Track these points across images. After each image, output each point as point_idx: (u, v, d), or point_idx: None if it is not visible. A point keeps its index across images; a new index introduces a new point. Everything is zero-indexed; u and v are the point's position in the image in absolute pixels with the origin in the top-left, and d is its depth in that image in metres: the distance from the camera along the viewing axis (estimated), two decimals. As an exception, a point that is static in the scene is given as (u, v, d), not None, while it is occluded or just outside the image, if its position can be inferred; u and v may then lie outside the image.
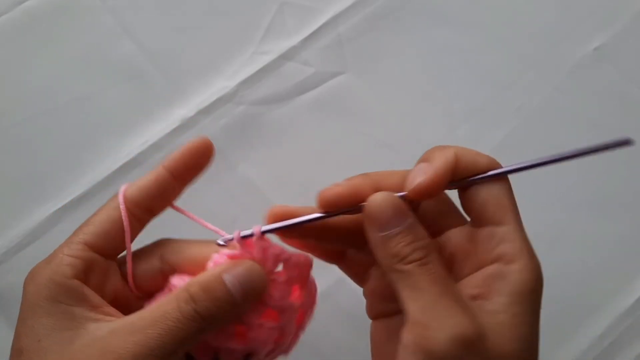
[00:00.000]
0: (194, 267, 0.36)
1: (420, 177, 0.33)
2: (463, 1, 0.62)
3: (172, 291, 0.35)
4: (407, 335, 0.31)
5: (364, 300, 0.39)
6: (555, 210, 0.58)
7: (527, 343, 0.31)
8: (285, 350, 0.39)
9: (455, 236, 0.36)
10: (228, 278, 0.33)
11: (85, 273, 0.34)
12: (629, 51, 0.61)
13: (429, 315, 0.30)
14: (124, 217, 0.35)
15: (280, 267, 0.36)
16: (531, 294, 0.32)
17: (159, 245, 0.38)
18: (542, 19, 0.62)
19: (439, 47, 0.61)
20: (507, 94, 0.60)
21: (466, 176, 0.34)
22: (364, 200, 0.34)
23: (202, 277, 0.33)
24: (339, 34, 0.61)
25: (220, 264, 0.34)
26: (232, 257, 0.35)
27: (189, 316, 0.31)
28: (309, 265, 0.37)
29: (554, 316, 0.55)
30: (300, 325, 0.39)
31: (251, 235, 0.35)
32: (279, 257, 0.35)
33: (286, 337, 0.37)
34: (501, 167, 0.34)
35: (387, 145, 0.58)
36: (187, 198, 0.39)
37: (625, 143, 0.35)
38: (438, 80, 0.61)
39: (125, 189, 0.36)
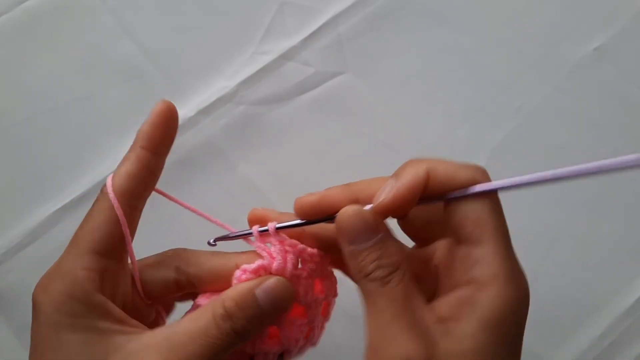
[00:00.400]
0: (215, 280, 0.36)
1: (384, 194, 0.32)
2: (463, 1, 0.62)
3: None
4: (366, 352, 0.31)
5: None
6: (555, 210, 0.58)
7: None
8: (314, 343, 0.39)
9: (441, 248, 0.35)
10: (259, 294, 0.33)
11: (102, 284, 0.33)
12: (629, 51, 0.61)
13: (380, 338, 0.30)
14: (120, 218, 0.34)
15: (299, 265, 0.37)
16: (503, 323, 0.30)
17: (176, 256, 0.37)
18: (542, 19, 0.62)
19: (439, 47, 0.61)
20: (507, 94, 0.60)
21: (443, 191, 0.32)
22: (339, 211, 0.33)
23: (234, 292, 0.33)
24: (339, 34, 0.61)
25: (248, 279, 0.34)
26: (256, 272, 0.35)
27: (226, 333, 0.32)
28: (326, 257, 0.37)
29: (554, 316, 0.55)
30: (326, 317, 0.40)
31: (263, 231, 0.36)
32: (299, 254, 0.36)
33: (315, 330, 0.38)
34: (487, 181, 0.32)
35: (387, 145, 0.58)
36: (187, 198, 0.39)
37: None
38: (438, 80, 0.61)
39: (113, 183, 0.34)
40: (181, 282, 0.36)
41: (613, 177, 0.61)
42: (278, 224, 0.36)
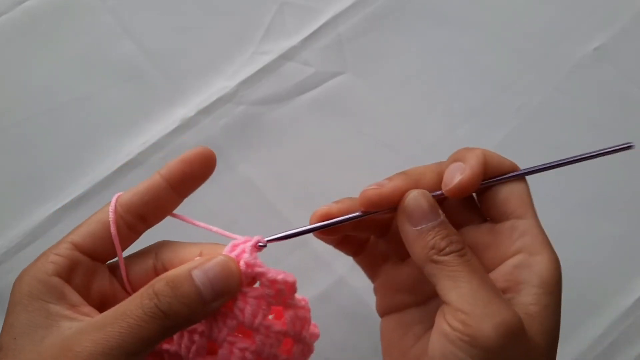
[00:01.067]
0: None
1: (458, 176, 0.34)
2: (463, 1, 0.62)
3: None
4: (450, 323, 0.31)
5: (364, 300, 0.39)
6: (555, 210, 0.58)
7: (553, 338, 0.33)
8: None
9: (472, 232, 0.36)
10: (197, 274, 0.32)
11: (69, 272, 0.34)
12: (629, 51, 0.61)
13: (472, 304, 0.31)
14: (111, 218, 0.34)
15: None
16: (557, 285, 0.33)
17: (156, 245, 0.38)
18: (542, 19, 0.62)
19: (439, 47, 0.61)
20: (507, 94, 0.60)
21: (493, 176, 0.35)
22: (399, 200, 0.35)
23: (170, 273, 0.32)
24: (339, 34, 0.61)
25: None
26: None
27: (151, 313, 0.30)
28: (290, 287, 0.35)
29: (554, 316, 0.55)
30: (289, 357, 0.36)
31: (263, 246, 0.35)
32: (255, 276, 0.34)
33: None
34: (520, 170, 0.36)
35: (387, 145, 0.58)
36: (187, 198, 0.39)
37: (627, 147, 0.39)
38: (438, 80, 0.61)
39: (119, 195, 0.35)
40: (158, 268, 0.36)
41: (613, 178, 0.61)
42: (335, 219, 0.35)
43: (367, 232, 0.40)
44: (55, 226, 0.55)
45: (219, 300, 0.32)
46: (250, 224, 0.55)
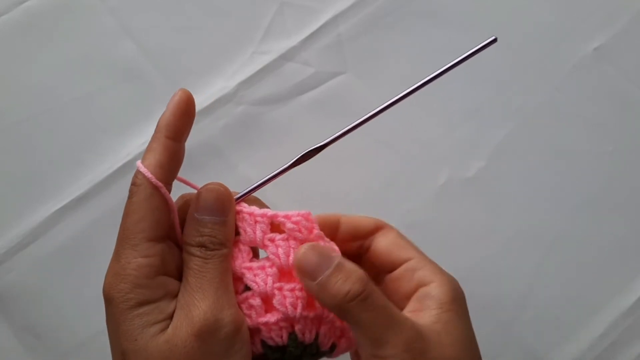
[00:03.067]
0: None
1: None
2: (463, 1, 0.62)
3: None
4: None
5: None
6: (555, 211, 0.58)
7: (466, 347, 0.35)
8: (343, 333, 0.38)
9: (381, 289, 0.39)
10: (199, 213, 0.36)
11: (164, 265, 0.35)
12: (629, 51, 0.61)
13: (382, 343, 0.33)
14: (169, 204, 0.36)
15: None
16: (455, 302, 0.36)
17: (183, 203, 0.40)
18: (542, 19, 0.62)
19: (439, 47, 0.61)
20: (507, 94, 0.60)
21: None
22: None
23: (186, 229, 0.37)
24: (339, 34, 0.61)
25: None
26: (236, 245, 0.38)
27: (210, 255, 0.35)
28: (307, 217, 0.38)
29: (554, 316, 0.56)
30: None
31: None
32: (270, 219, 0.38)
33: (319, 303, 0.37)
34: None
35: (387, 145, 0.58)
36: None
37: (493, 42, 0.39)
38: (438, 80, 0.61)
39: (147, 170, 0.36)
40: None
41: (613, 178, 0.61)
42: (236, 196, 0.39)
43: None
44: (55, 226, 0.55)
45: (226, 211, 0.37)
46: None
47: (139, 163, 0.36)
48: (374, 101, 0.61)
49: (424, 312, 0.36)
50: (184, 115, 0.38)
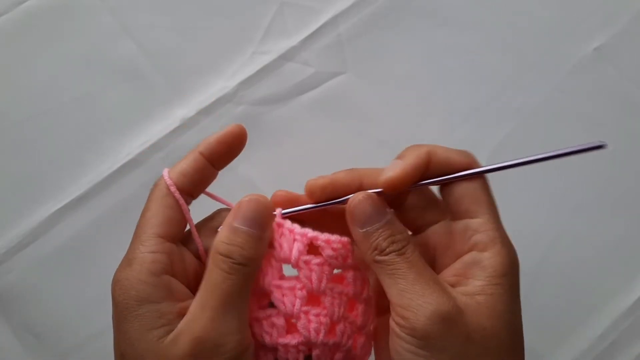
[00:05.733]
0: None
1: (390, 172, 0.35)
2: (463, 2, 0.62)
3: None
4: (394, 319, 0.33)
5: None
6: (555, 211, 0.58)
7: (505, 321, 0.34)
8: (355, 357, 0.38)
9: (436, 231, 0.38)
10: (238, 222, 0.35)
11: (171, 265, 0.35)
12: (629, 51, 0.61)
13: (408, 298, 0.33)
14: (178, 199, 0.36)
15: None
16: (505, 277, 0.34)
17: (215, 216, 0.40)
18: (542, 19, 0.62)
19: (439, 47, 0.61)
20: (507, 94, 0.60)
21: (440, 173, 0.36)
22: (347, 193, 0.37)
23: (219, 236, 0.35)
24: (339, 34, 0.61)
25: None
26: (268, 260, 0.37)
27: (232, 270, 0.34)
28: (346, 245, 0.37)
29: (554, 316, 0.56)
30: (357, 321, 0.38)
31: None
32: (310, 240, 0.36)
33: (340, 328, 0.36)
34: (477, 166, 0.37)
35: (387, 145, 0.58)
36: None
37: (599, 147, 0.37)
38: (438, 80, 0.61)
39: (169, 176, 0.37)
40: None
41: (613, 178, 0.61)
42: (283, 210, 0.38)
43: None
44: (55, 226, 0.55)
45: (265, 227, 0.36)
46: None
47: (165, 169, 0.37)
48: (374, 101, 0.62)
49: (469, 280, 0.34)
50: (226, 145, 0.38)
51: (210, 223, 0.39)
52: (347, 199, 0.36)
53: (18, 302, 0.54)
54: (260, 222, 0.36)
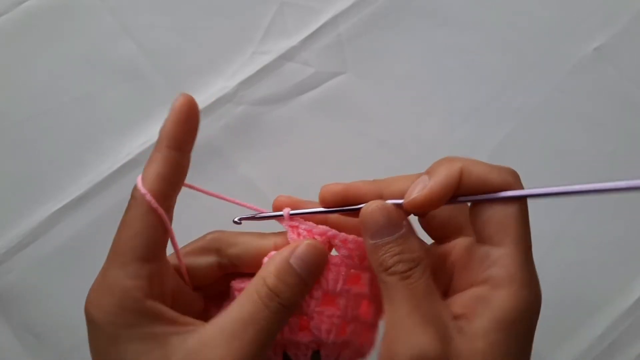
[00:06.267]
0: (257, 260, 0.36)
1: (417, 190, 0.32)
2: (463, 1, 0.62)
3: (240, 293, 0.35)
4: (382, 344, 0.31)
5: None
6: (556, 211, 0.58)
7: None
8: (360, 353, 0.38)
9: (461, 246, 0.35)
10: (295, 262, 0.33)
11: (151, 288, 0.33)
12: (629, 51, 0.61)
13: (396, 332, 0.31)
14: (164, 220, 0.33)
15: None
16: (515, 324, 0.30)
17: (215, 239, 0.38)
18: (542, 19, 0.62)
19: (439, 47, 0.61)
20: (507, 94, 0.60)
21: (473, 192, 0.32)
22: (363, 202, 0.34)
23: (272, 268, 0.33)
24: (339, 34, 0.61)
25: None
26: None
27: (276, 310, 0.32)
28: (364, 249, 0.35)
29: (554, 316, 0.55)
30: (367, 320, 0.38)
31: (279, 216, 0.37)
32: (329, 239, 0.36)
33: (350, 328, 0.36)
34: (519, 186, 0.33)
35: (387, 145, 0.58)
36: (188, 199, 0.39)
37: None
38: (438, 80, 0.61)
39: (144, 185, 0.33)
40: (223, 264, 0.37)
41: (612, 178, 0.60)
42: (292, 210, 0.37)
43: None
44: (55, 226, 0.55)
45: (316, 277, 0.34)
46: (250, 224, 0.55)
47: (138, 179, 0.33)
48: (374, 101, 0.62)
49: (474, 319, 0.30)
50: (186, 123, 0.35)
51: (209, 244, 0.38)
52: (360, 207, 0.34)
53: (18, 302, 0.54)
54: (315, 272, 0.34)
